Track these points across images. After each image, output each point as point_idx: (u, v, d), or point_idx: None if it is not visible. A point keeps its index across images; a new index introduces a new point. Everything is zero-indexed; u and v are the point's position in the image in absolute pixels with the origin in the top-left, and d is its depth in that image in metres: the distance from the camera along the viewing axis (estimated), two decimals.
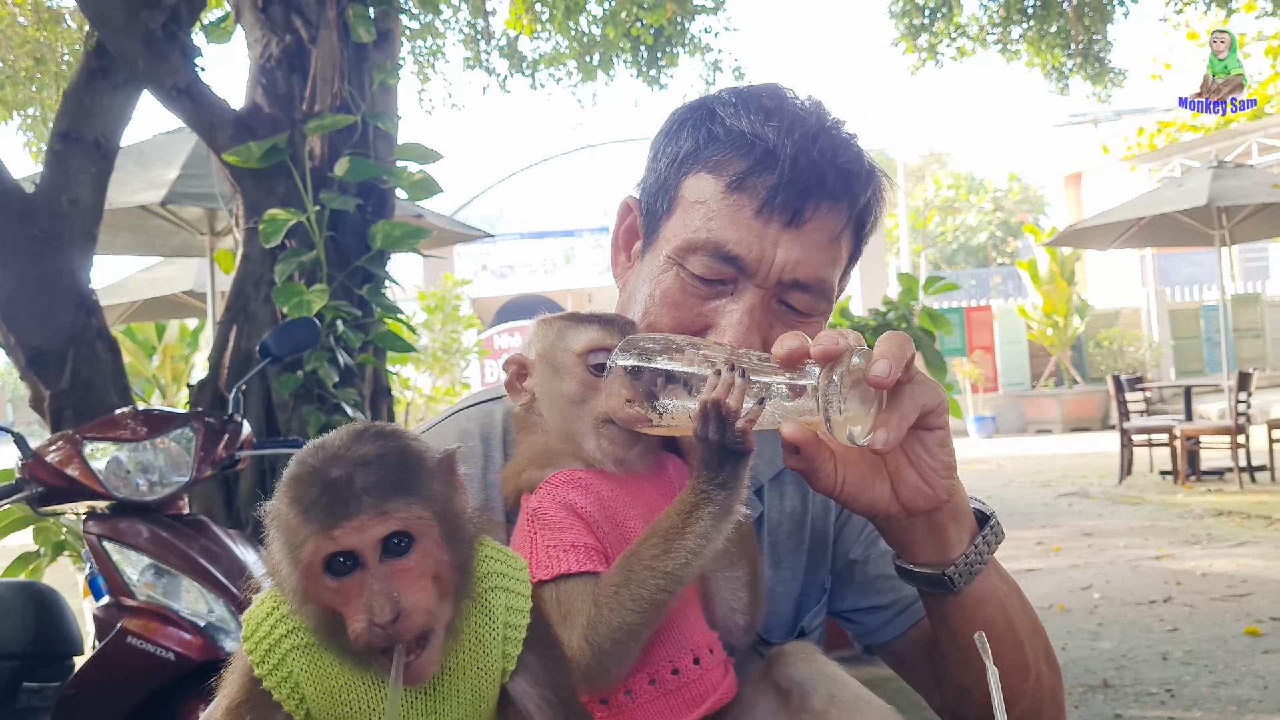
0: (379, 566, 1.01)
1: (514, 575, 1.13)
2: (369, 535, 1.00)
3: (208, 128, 5.17)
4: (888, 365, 1.08)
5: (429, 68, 13.05)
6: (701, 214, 1.31)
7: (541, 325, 1.30)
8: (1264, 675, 5.24)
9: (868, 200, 1.34)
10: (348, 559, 1.00)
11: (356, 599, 1.00)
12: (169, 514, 3.46)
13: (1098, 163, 27.39)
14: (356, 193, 5.14)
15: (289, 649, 1.07)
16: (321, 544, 1.00)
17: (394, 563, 1.02)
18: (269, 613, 1.09)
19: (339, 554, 1.00)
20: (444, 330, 14.44)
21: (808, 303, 1.32)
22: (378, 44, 5.33)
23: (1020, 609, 1.34)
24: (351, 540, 1.00)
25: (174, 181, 7.14)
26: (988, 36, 13.97)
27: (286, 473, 1.05)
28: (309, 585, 1.01)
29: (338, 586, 1.01)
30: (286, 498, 1.03)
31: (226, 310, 5.31)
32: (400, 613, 1.00)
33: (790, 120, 1.29)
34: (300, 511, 1.01)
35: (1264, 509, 9.94)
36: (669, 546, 1.12)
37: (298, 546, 1.01)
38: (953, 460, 1.21)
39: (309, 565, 1.01)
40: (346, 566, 1.01)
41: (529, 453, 1.26)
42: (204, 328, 14.23)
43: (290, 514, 1.02)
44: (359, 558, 1.01)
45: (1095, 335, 22.10)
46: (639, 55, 12.50)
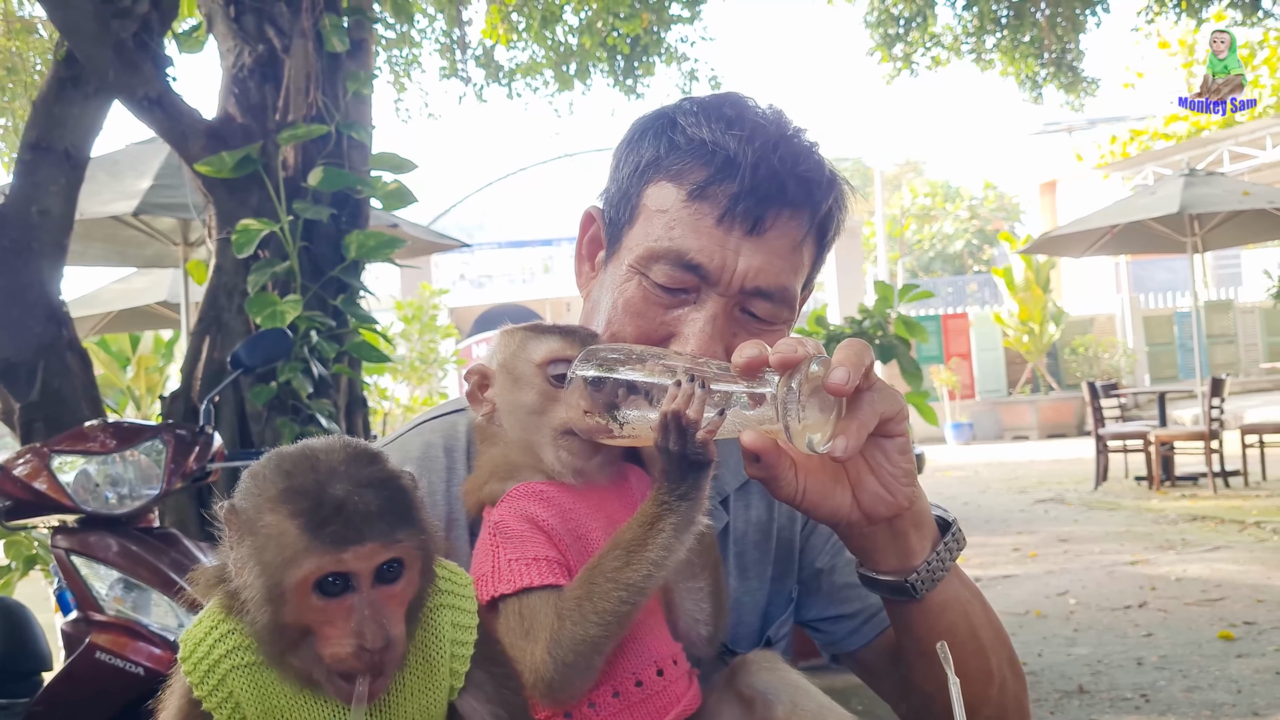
0: (371, 592, 1.01)
1: (460, 593, 1.13)
2: (374, 561, 1.01)
3: (180, 138, 5.14)
4: (846, 372, 1.08)
5: (405, 77, 13.03)
6: (663, 223, 1.31)
7: (504, 336, 1.30)
8: (1237, 679, 5.27)
9: (829, 208, 1.35)
10: (338, 580, 1.00)
11: (342, 621, 1.00)
12: (139, 527, 3.43)
13: (1072, 171, 27.59)
14: (330, 203, 5.12)
15: (230, 669, 1.06)
16: (324, 563, 0.99)
17: (384, 589, 1.02)
18: (208, 631, 1.07)
19: (333, 575, 1.00)
20: (421, 340, 14.40)
21: (770, 310, 1.32)
22: (351, 53, 5.32)
23: (983, 616, 1.35)
24: (356, 564, 1.00)
25: (146, 192, 7.08)
26: (962, 46, 14.08)
27: (272, 479, 1.03)
28: (293, 600, 1.00)
29: (325, 606, 1.00)
30: (283, 509, 1.01)
31: (199, 321, 5.27)
32: (389, 640, 1.00)
33: (751, 129, 1.29)
34: (304, 527, 0.99)
35: (1237, 514, 10.02)
36: (631, 558, 1.11)
37: (292, 561, 0.99)
38: (913, 467, 1.21)
39: (303, 582, 0.99)
40: (337, 587, 1.00)
41: (490, 465, 1.26)
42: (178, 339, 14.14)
43: (288, 526, 1.00)
44: (352, 581, 1.00)
45: (1070, 342, 22.26)
46: (615, 65, 12.52)
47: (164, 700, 1.10)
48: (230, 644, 1.06)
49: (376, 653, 0.99)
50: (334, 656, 1.00)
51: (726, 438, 1.13)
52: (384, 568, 1.01)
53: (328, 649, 1.00)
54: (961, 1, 13.45)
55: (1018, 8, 13.33)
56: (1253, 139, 17.27)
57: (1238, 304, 23.68)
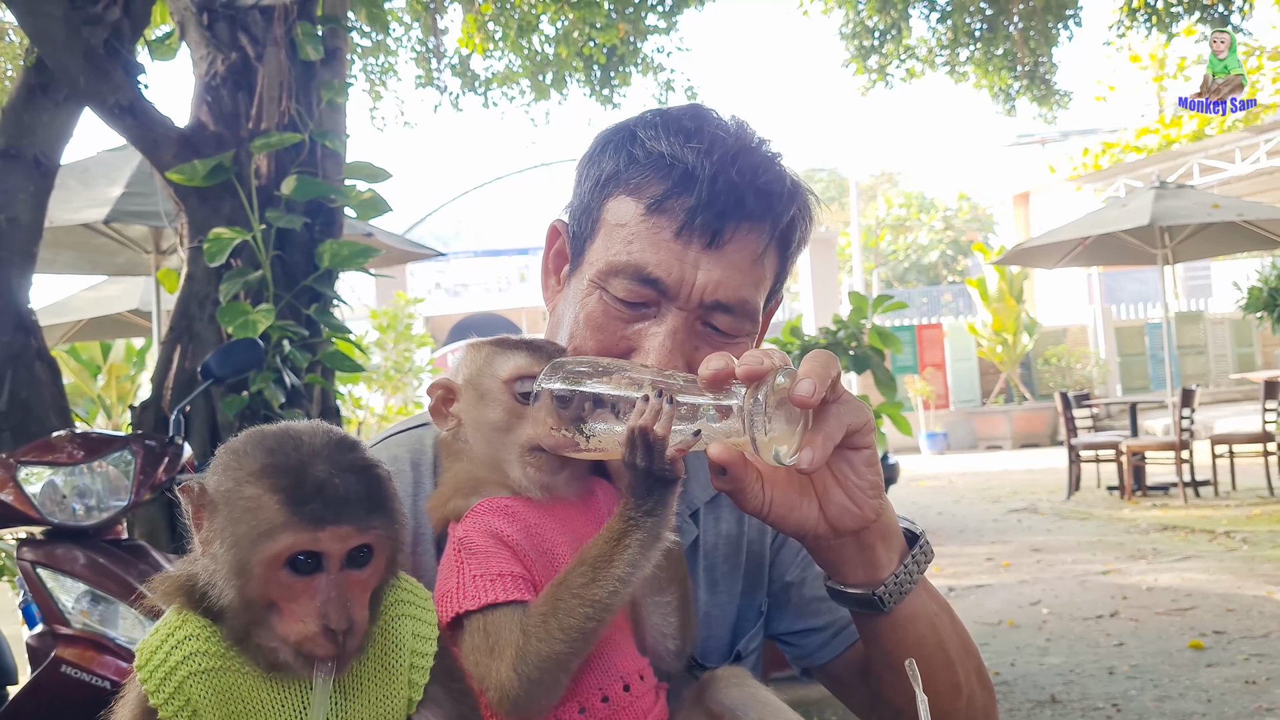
0: (340, 574, 1.03)
1: (421, 604, 1.14)
2: (347, 544, 1.02)
3: (151, 146, 5.10)
4: (812, 384, 1.08)
5: (381, 85, 13.00)
6: (622, 236, 1.31)
7: (469, 351, 1.29)
8: (1208, 689, 5.31)
9: (791, 219, 1.34)
10: (310, 558, 1.01)
11: (307, 599, 1.01)
12: (107, 539, 3.40)
13: (1045, 182, 27.83)
14: (304, 211, 5.09)
15: (187, 675, 1.05)
16: (300, 540, 1.00)
17: (352, 573, 1.04)
18: (165, 638, 1.07)
19: (305, 552, 1.01)
20: (396, 349, 14.32)
21: (731, 324, 1.32)
22: (326, 62, 5.30)
23: (951, 628, 1.35)
24: (330, 545, 1.01)
25: (118, 199, 7.03)
26: (936, 58, 14.19)
27: (254, 455, 1.04)
28: (262, 574, 1.01)
29: (293, 583, 1.01)
30: (264, 483, 1.01)
31: (170, 330, 5.23)
32: (352, 624, 1.01)
33: (710, 141, 1.29)
34: (284, 502, 1.00)
35: (1207, 523, 10.10)
36: (597, 575, 1.11)
37: (268, 535, 1.00)
38: (879, 479, 1.22)
39: (275, 556, 1.00)
40: (308, 566, 1.02)
41: (454, 481, 1.25)
42: (150, 347, 14.02)
43: (268, 500, 1.01)
44: (323, 561, 1.02)
45: (1044, 352, 22.42)
46: (592, 74, 12.54)
47: (117, 711, 1.10)
48: (188, 649, 1.05)
49: (340, 634, 1.00)
50: (298, 635, 1.01)
51: (693, 450, 1.13)
52: (355, 552, 1.03)
53: (292, 627, 1.01)
54: (936, 14, 13.55)
55: (991, 21, 13.45)
56: (1222, 152, 17.48)
57: (1208, 315, 23.92)
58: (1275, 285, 9.91)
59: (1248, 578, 7.74)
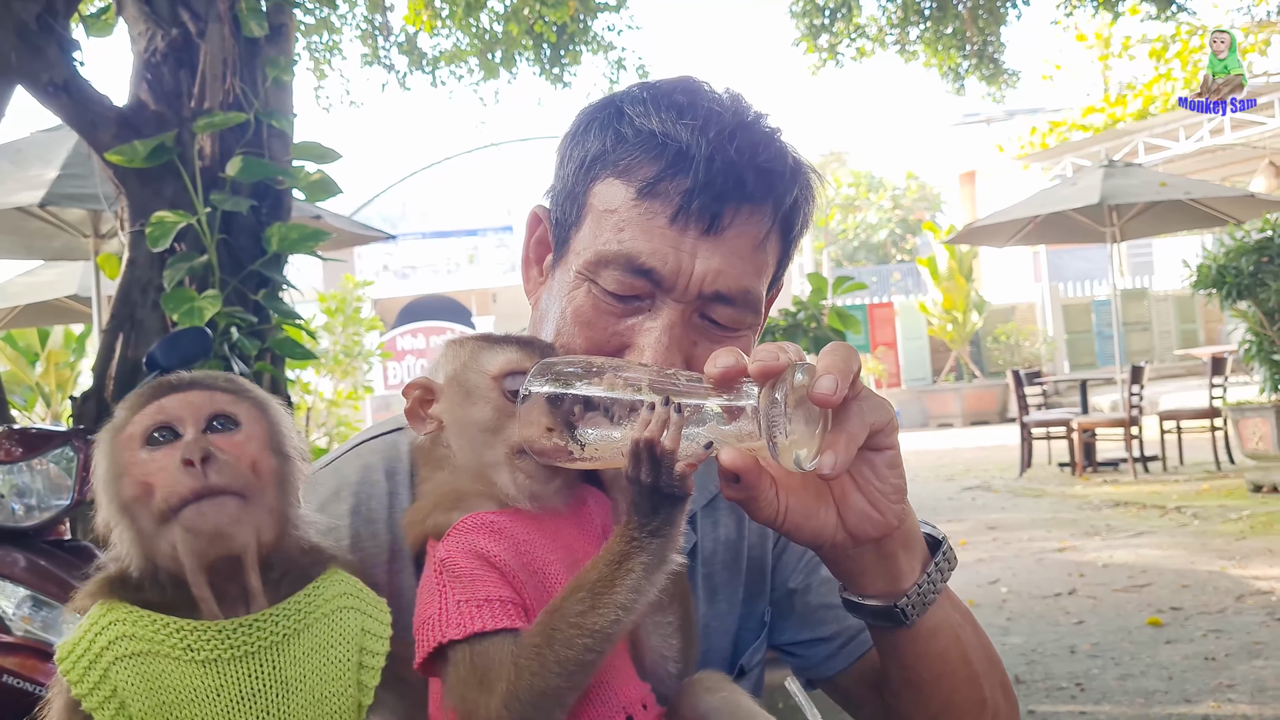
0: (201, 437, 1.02)
1: (369, 603, 1.10)
2: (195, 410, 1.02)
3: (88, 126, 4.89)
4: (834, 381, 0.98)
5: (325, 64, 12.71)
6: (612, 224, 1.20)
7: (452, 347, 1.18)
8: (1168, 666, 5.34)
9: (794, 200, 1.24)
10: (164, 433, 1.01)
11: (169, 460, 1.00)
12: (48, 540, 3.24)
13: (991, 161, 28.07)
14: (250, 194, 4.91)
15: (113, 660, 0.99)
16: (145, 416, 1.01)
17: (213, 436, 1.03)
18: (87, 628, 1.01)
19: (159, 428, 1.01)
20: (345, 333, 14.08)
21: (732, 316, 1.22)
22: (271, 39, 5.10)
23: (975, 639, 1.27)
24: (177, 410, 1.02)
25: (54, 182, 6.78)
26: (886, 37, 14.18)
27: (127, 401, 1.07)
28: (127, 469, 1.00)
29: (152, 455, 1.00)
30: (124, 410, 1.05)
31: (112, 318, 5.03)
32: (211, 456, 0.99)
33: (705, 117, 1.18)
34: (129, 405, 1.04)
35: (1158, 499, 10.23)
36: (597, 602, 1.01)
37: (119, 427, 1.02)
38: (903, 483, 1.12)
39: (129, 436, 1.01)
40: (164, 438, 1.01)
41: (434, 494, 1.13)
42: (90, 334, 13.67)
43: (120, 416, 1.04)
44: (178, 430, 1.02)
45: (993, 330, 22.63)
46: (541, 53, 12.34)
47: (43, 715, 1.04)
48: (114, 633, 1.00)
49: (201, 466, 0.98)
50: (164, 496, 0.98)
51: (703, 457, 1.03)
52: (215, 424, 1.03)
53: (160, 495, 0.98)
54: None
55: (940, 0, 13.46)
56: (1166, 131, 17.69)
57: (1152, 292, 24.30)
58: (1223, 263, 10.00)
59: (1200, 553, 7.83)
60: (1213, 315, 23.37)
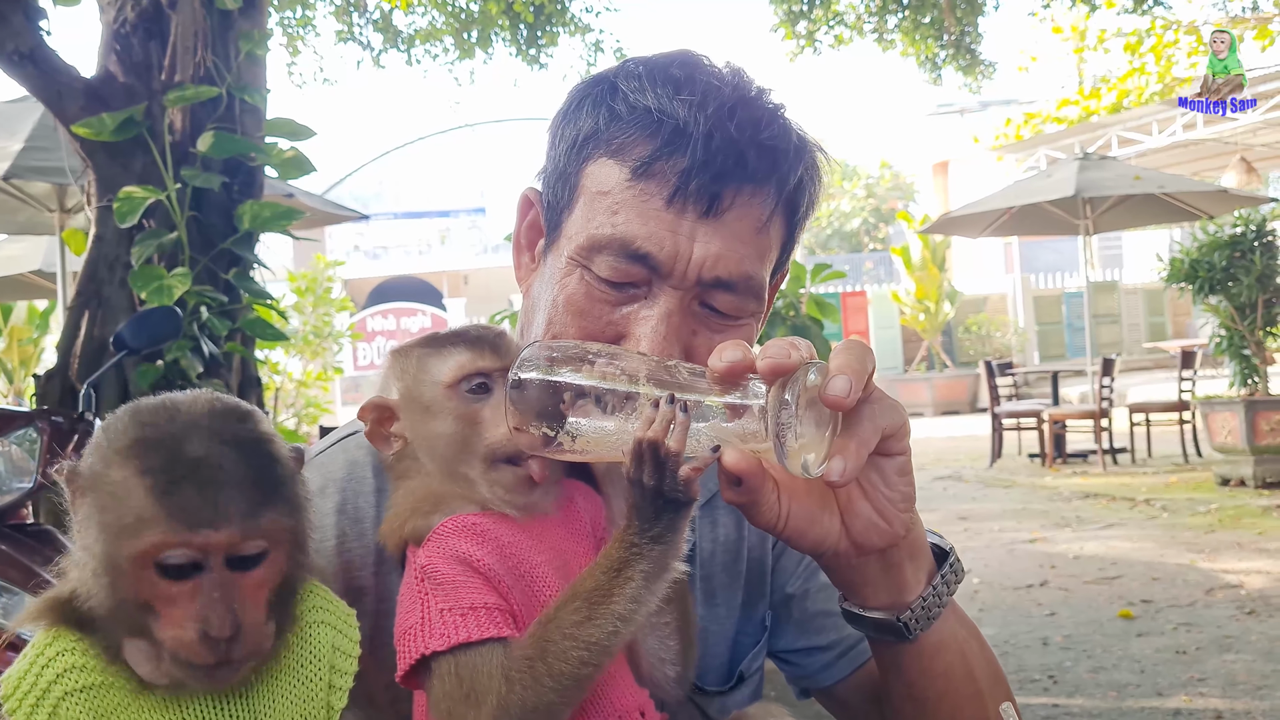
0: (223, 573, 0.87)
1: (341, 616, 1.01)
2: (227, 548, 0.87)
3: (55, 97, 4.76)
4: (848, 382, 0.92)
5: (299, 40, 12.54)
6: (605, 206, 1.13)
7: (398, 359, 1.11)
8: (1139, 659, 5.36)
9: (799, 180, 1.17)
10: (185, 559, 0.87)
11: (187, 601, 0.86)
12: (10, 524, 3.15)
13: (965, 152, 28.14)
14: (222, 170, 4.81)
15: (61, 695, 0.90)
16: (168, 539, 0.85)
17: (240, 574, 0.88)
18: (33, 660, 0.91)
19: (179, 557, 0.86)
20: (315, 313, 13.93)
21: (733, 303, 1.15)
22: (244, 11, 4.99)
23: (980, 655, 1.21)
24: (207, 548, 0.86)
25: (18, 154, 6.62)
26: (865, 25, 14.16)
27: (121, 429, 0.89)
28: (132, 572, 0.86)
29: (168, 584, 0.86)
30: (131, 464, 0.87)
31: (78, 295, 4.92)
32: (238, 631, 0.86)
33: (703, 92, 1.11)
34: (152, 489, 0.85)
35: (1127, 491, 10.29)
36: (594, 612, 0.95)
37: (134, 528, 0.86)
38: (913, 490, 1.06)
39: (143, 555, 0.85)
40: (184, 569, 0.86)
41: (410, 500, 1.06)
42: (54, 310, 13.45)
43: (135, 485, 0.86)
44: (204, 563, 0.86)
45: (964, 321, 22.72)
46: (518, 33, 12.22)
47: None
48: (61, 665, 0.91)
49: (223, 642, 0.86)
50: (175, 642, 0.87)
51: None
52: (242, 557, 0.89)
53: (169, 633, 0.87)
54: None
55: None
56: (1139, 124, 17.76)
57: (1122, 285, 24.47)
58: (1196, 257, 10.05)
59: (1170, 546, 7.88)
60: (1181, 309, 23.58)
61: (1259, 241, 9.88)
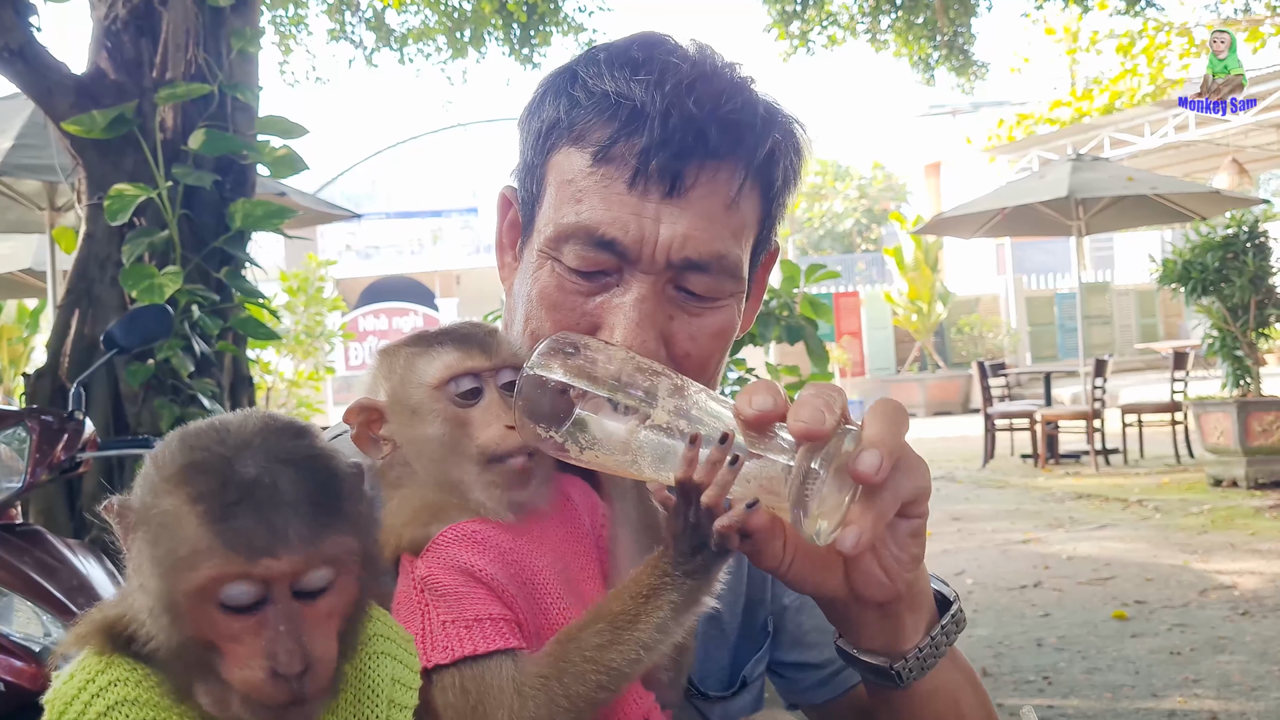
0: (289, 604, 0.81)
1: (401, 644, 0.94)
2: (291, 575, 0.80)
3: (45, 93, 4.73)
4: (879, 459, 0.90)
5: (291, 38, 12.49)
6: (569, 195, 1.11)
7: (385, 359, 1.07)
8: (1134, 660, 5.35)
9: (770, 152, 1.13)
10: (248, 591, 0.80)
11: (252, 637, 0.80)
12: None
13: (957, 153, 28.16)
14: (213, 168, 4.77)
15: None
16: (227, 571, 0.79)
17: (307, 604, 0.82)
18: (83, 686, 0.84)
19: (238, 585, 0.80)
20: (307, 313, 13.88)
21: (709, 285, 1.12)
22: (236, 8, 4.96)
23: (974, 701, 1.17)
24: (269, 577, 0.79)
25: (8, 152, 6.59)
26: (858, 25, 14.15)
27: (172, 457, 0.82)
28: (190, 609, 0.80)
29: (231, 621, 0.80)
30: (182, 491, 0.80)
31: (68, 293, 4.88)
32: (310, 665, 0.80)
33: (660, 70, 1.09)
34: (205, 516, 0.79)
35: (1120, 491, 10.30)
36: (618, 636, 0.92)
37: (188, 561, 0.79)
38: (922, 551, 1.02)
39: (201, 590, 0.79)
40: (245, 602, 0.79)
41: (406, 509, 1.02)
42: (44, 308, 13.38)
43: (186, 513, 0.80)
44: (268, 594, 0.80)
45: (957, 321, 22.74)
46: (511, 33, 12.19)
47: None
48: (113, 697, 0.84)
49: (294, 679, 0.79)
50: (244, 682, 0.80)
51: None
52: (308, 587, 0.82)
53: (235, 672, 0.80)
54: None
55: None
56: (1132, 126, 17.78)
57: (1114, 286, 24.52)
58: (1189, 258, 10.06)
59: (1163, 546, 7.88)
60: (1173, 310, 23.63)
61: (1251, 243, 9.89)
